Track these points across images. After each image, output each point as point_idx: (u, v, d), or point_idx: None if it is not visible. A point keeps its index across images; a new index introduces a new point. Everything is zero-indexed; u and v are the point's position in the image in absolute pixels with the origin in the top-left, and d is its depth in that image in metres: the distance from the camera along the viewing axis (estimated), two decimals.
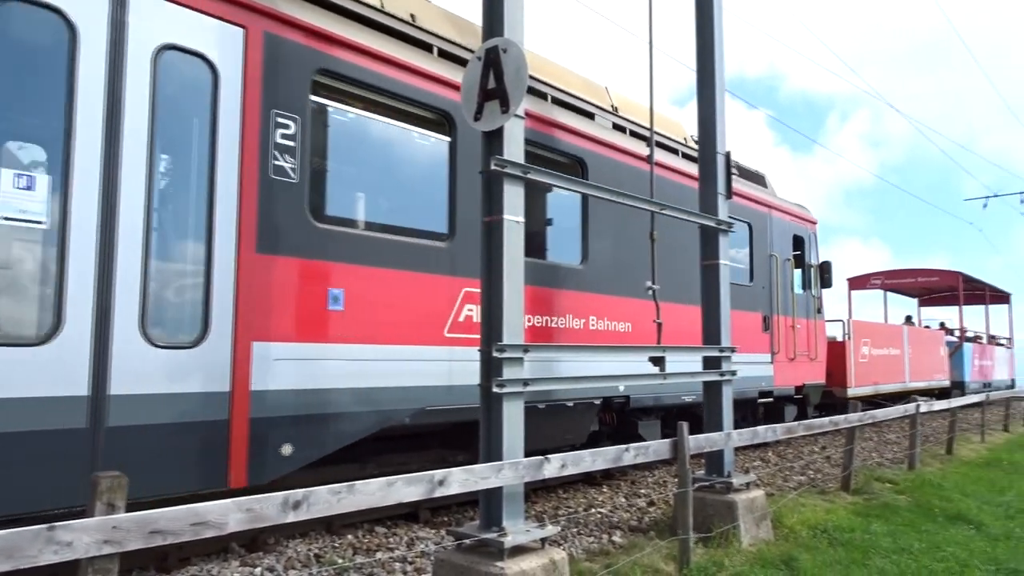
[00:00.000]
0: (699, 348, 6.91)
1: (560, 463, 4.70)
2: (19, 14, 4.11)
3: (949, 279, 25.04)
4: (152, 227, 4.54)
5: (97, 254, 4.28)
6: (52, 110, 4.20)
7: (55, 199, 4.16)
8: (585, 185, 5.73)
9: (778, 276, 11.65)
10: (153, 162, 4.56)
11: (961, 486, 9.17)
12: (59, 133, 4.20)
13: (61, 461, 4.05)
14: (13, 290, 4.02)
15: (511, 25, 4.77)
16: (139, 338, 4.39)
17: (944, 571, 5.66)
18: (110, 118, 4.38)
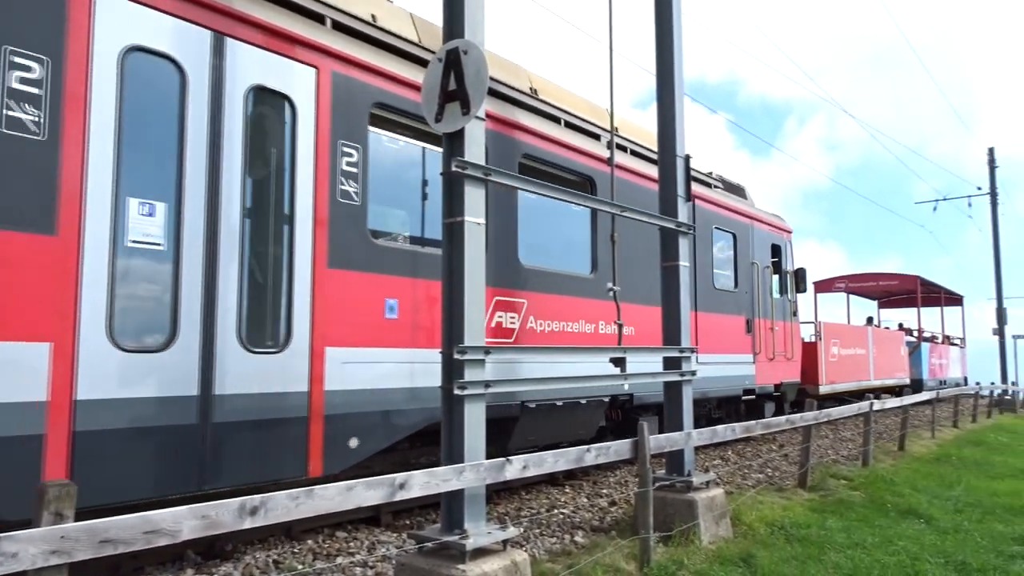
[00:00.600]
0: (660, 349, 6.98)
1: (522, 464, 4.71)
2: (141, 62, 4.70)
3: (908, 283, 26.21)
4: (245, 247, 5.14)
5: (203, 272, 4.87)
6: (167, 143, 4.79)
7: (170, 224, 4.75)
8: (546, 188, 5.74)
9: (759, 282, 12.47)
10: (246, 189, 5.18)
11: (912, 481, 9.42)
12: (173, 164, 4.79)
13: (177, 453, 4.61)
14: (139, 304, 4.62)
15: (472, 27, 4.77)
16: (237, 345, 4.98)
17: (896, 564, 5.80)
18: (212, 150, 4.97)
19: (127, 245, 4.54)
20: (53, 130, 4.25)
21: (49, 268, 4.19)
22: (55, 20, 4.31)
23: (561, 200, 6.02)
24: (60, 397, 4.16)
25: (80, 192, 4.33)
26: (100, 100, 4.46)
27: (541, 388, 6.74)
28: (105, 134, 4.47)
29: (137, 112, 4.64)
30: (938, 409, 16.00)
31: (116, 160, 4.51)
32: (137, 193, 4.60)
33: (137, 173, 4.63)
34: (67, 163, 4.30)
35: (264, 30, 5.34)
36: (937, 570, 5.75)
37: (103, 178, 4.44)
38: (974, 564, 5.94)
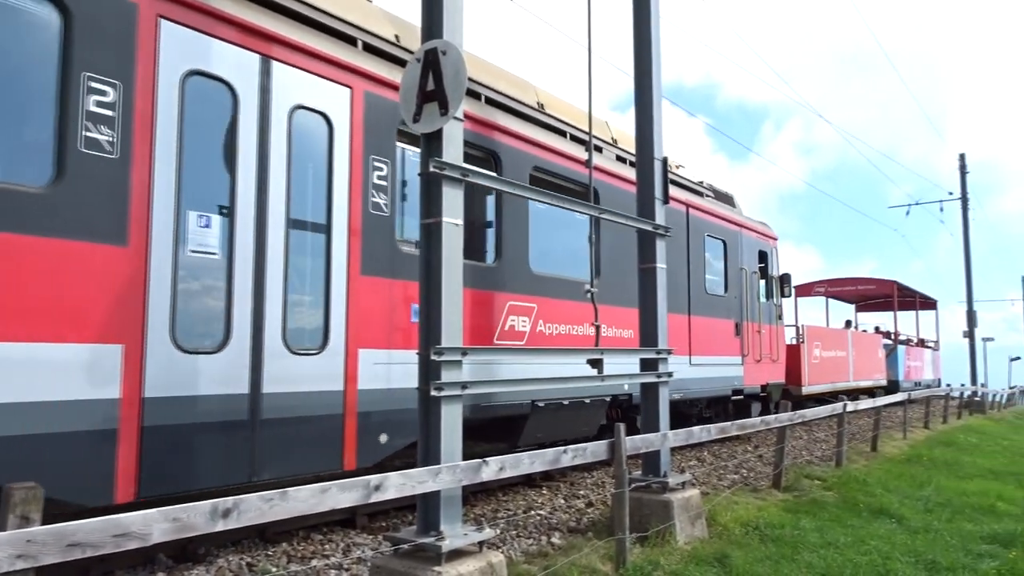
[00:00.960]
0: (637, 350, 7.02)
1: (498, 465, 4.70)
2: (199, 85, 5.05)
3: (885, 287, 27.10)
4: (288, 256, 5.47)
5: (253, 279, 5.23)
6: (221, 160, 5.16)
7: (224, 234, 5.10)
8: (524, 188, 5.76)
9: (747, 287, 13.05)
10: (289, 201, 5.52)
11: (884, 482, 9.55)
12: (226, 178, 5.15)
13: (230, 447, 4.98)
14: (197, 309, 4.96)
15: (450, 28, 4.76)
16: (281, 347, 5.33)
17: (868, 564, 5.87)
18: (260, 165, 5.35)
19: (187, 255, 4.91)
20: (124, 149, 4.59)
21: (121, 276, 4.54)
22: (126, 47, 4.64)
23: (538, 201, 6.05)
24: (131, 394, 4.52)
25: (147, 206, 4.69)
26: (164, 121, 4.82)
27: (520, 389, 6.74)
28: (168, 152, 4.83)
29: (195, 131, 5.01)
30: (910, 410, 16.25)
31: (178, 176, 4.87)
32: (195, 206, 4.98)
33: (195, 187, 5.01)
34: (136, 179, 4.64)
35: (304, 53, 5.69)
36: (908, 569, 5.84)
37: (167, 192, 4.80)
38: (944, 563, 6.04)
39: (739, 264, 12.91)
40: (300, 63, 5.65)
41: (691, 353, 10.98)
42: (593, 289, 6.55)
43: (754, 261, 13.61)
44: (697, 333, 11.23)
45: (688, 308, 11.00)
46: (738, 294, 12.72)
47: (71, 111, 4.35)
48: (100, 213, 4.43)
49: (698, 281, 11.41)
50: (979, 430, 18.17)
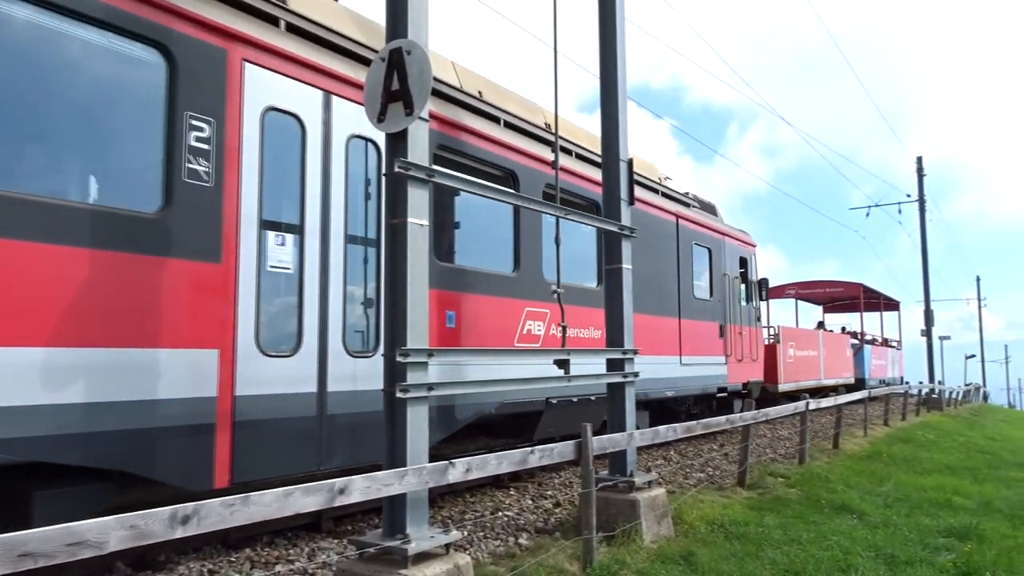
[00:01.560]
0: (603, 351, 7.05)
1: (465, 467, 4.68)
2: (275, 119, 5.68)
3: (852, 290, 28.51)
4: (347, 269, 6.11)
5: (319, 291, 5.84)
6: (292, 185, 5.79)
7: (296, 251, 5.74)
8: (491, 190, 5.76)
9: (730, 291, 14.00)
10: (347, 219, 6.16)
11: (846, 478, 9.73)
12: (296, 201, 5.79)
13: (303, 439, 5.56)
14: (276, 317, 5.60)
15: (415, 27, 4.73)
16: (342, 350, 5.97)
17: (830, 559, 5.97)
18: (324, 189, 5.97)
19: (268, 270, 5.52)
20: (218, 178, 5.20)
21: (216, 290, 5.14)
22: (218, 88, 5.26)
23: (503, 201, 6.07)
24: (225, 393, 5.12)
25: (236, 227, 5.28)
26: (248, 152, 5.43)
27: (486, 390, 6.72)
28: (251, 179, 5.44)
29: (273, 160, 5.62)
30: (870, 408, 16.59)
31: (259, 200, 5.46)
32: (273, 227, 5.60)
33: (273, 210, 5.62)
34: (227, 204, 5.24)
35: (355, 87, 6.24)
36: (868, 563, 5.95)
37: (251, 215, 5.40)
38: (902, 556, 6.17)
39: (723, 270, 13.77)
40: (354, 96, 6.24)
41: (681, 354, 11.78)
42: (559, 290, 6.57)
43: (736, 267, 14.50)
44: (687, 335, 11.97)
45: (679, 312, 11.84)
46: (722, 298, 13.60)
47: (176, 146, 4.97)
48: (200, 235, 5.05)
49: (687, 287, 12.25)
50: (936, 427, 18.61)
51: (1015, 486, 10.45)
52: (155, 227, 4.81)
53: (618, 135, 7.11)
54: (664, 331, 11.29)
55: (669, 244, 11.84)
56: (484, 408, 7.37)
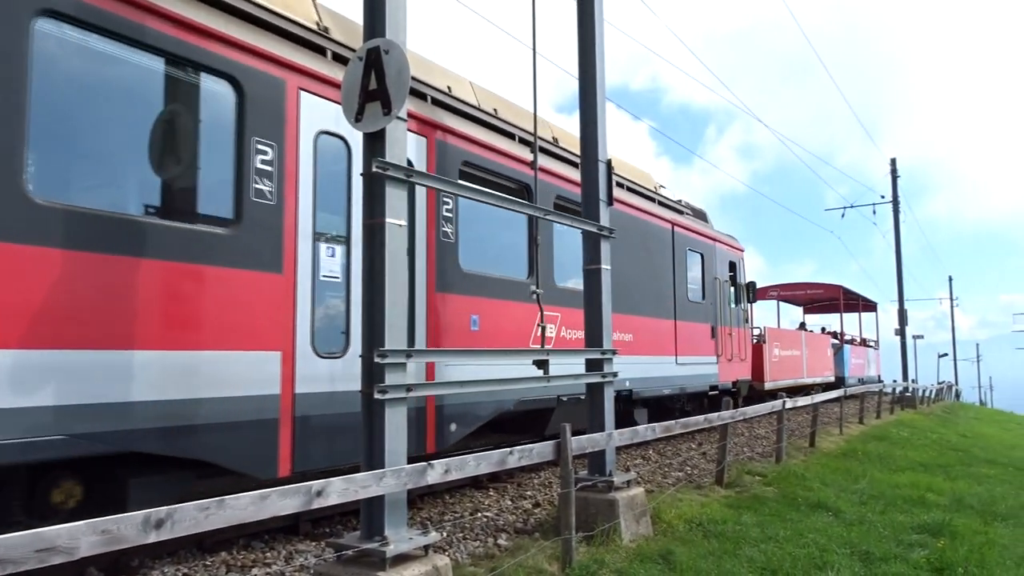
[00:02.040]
0: (583, 351, 7.06)
1: (444, 468, 4.66)
2: (326, 142, 6.26)
3: (832, 291, 29.54)
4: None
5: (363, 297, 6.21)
6: (340, 202, 6.36)
7: (343, 262, 6.31)
8: (469, 190, 5.75)
9: (720, 294, 14.68)
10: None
11: (822, 476, 9.83)
12: (344, 216, 6.36)
13: (351, 433, 5.71)
14: (328, 322, 6.15)
15: (393, 26, 4.71)
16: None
17: (806, 556, 6.03)
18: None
19: (320, 279, 6.07)
20: (279, 196, 5.74)
21: (278, 297, 5.70)
22: (278, 115, 5.81)
23: (487, 203, 6.05)
24: (286, 391, 5.68)
25: (295, 241, 5.84)
26: (304, 173, 5.98)
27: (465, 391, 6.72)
28: (307, 197, 6.00)
29: (324, 180, 6.15)
30: (846, 406, 16.79)
31: (313, 215, 5.99)
32: (325, 240, 6.17)
33: (324, 224, 6.16)
34: (287, 220, 5.79)
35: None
36: (843, 560, 6.02)
37: (306, 230, 5.95)
38: (877, 553, 6.25)
39: (714, 274, 14.51)
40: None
41: (677, 354, 12.51)
42: (539, 291, 6.57)
43: (725, 271, 15.22)
44: (682, 336, 12.69)
45: (675, 314, 12.55)
46: (713, 301, 14.29)
47: (245, 168, 5.52)
48: (265, 248, 5.60)
49: (682, 290, 12.92)
50: (910, 424, 18.88)
51: (986, 482, 10.64)
52: (227, 242, 5.37)
53: (596, 136, 7.12)
54: (661, 332, 12.01)
55: (665, 250, 12.57)
56: (504, 405, 7.97)
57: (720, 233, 15.54)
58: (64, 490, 4.79)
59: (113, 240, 4.67)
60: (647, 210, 11.94)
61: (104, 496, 4.88)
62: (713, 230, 15.20)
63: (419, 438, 6.86)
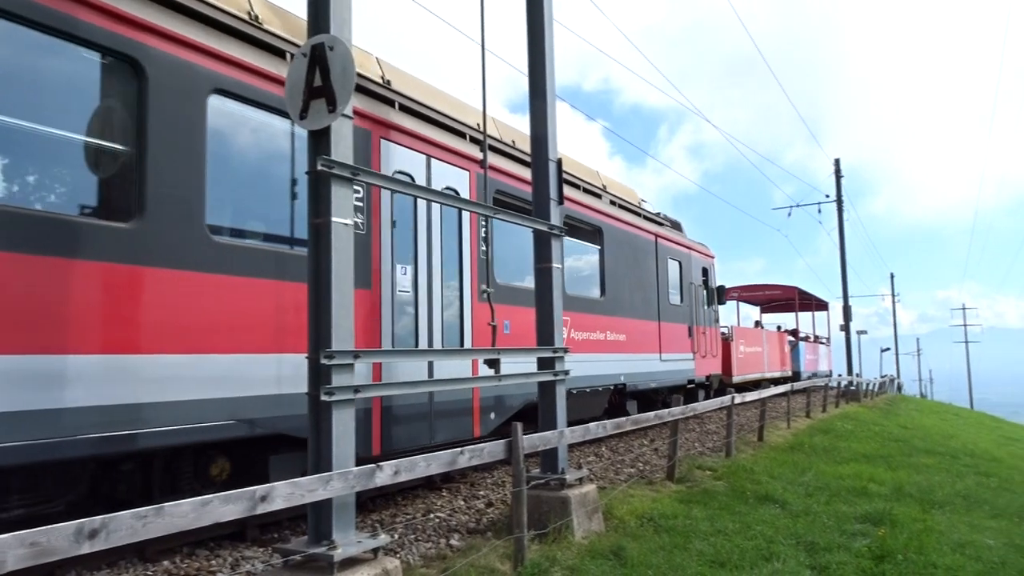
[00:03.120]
0: (534, 349, 7.08)
1: (393, 470, 4.61)
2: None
3: (788, 292, 31.53)
4: (443, 291, 7.93)
5: (427, 308, 7.65)
6: (409, 228, 7.54)
7: (412, 279, 7.51)
8: (418, 189, 5.71)
9: (695, 297, 16.27)
10: (442, 252, 7.98)
11: (770, 469, 10.03)
12: (411, 240, 7.56)
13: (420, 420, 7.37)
14: (403, 329, 7.33)
15: (338, 22, 4.64)
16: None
17: (753, 548, 6.15)
18: (427, 230, 7.78)
19: (397, 294, 7.26)
20: (368, 227, 6.91)
21: (370, 309, 6.89)
22: (366, 159, 6.95)
23: (436, 201, 6.02)
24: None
25: (379, 262, 7.04)
26: (384, 207, 7.16)
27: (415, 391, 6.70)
28: (386, 226, 7.19)
29: (397, 212, 7.24)
30: (793, 401, 17.18)
31: (391, 240, 7.17)
32: (399, 261, 7.33)
33: (399, 248, 7.34)
34: (374, 246, 7.00)
35: (445, 150, 8.17)
36: (789, 551, 6.16)
37: (387, 253, 7.15)
38: (821, 543, 6.41)
39: (690, 279, 16.09)
40: (445, 158, 8.16)
41: (661, 351, 14.05)
42: (489, 290, 6.56)
43: (699, 276, 16.82)
44: (664, 335, 14.24)
45: (658, 316, 14.08)
46: (690, 303, 15.88)
47: None
48: (361, 270, 6.51)
49: (664, 295, 14.48)
50: (854, 417, 19.40)
51: (925, 472, 11.01)
52: None
53: (547, 136, 7.14)
54: (648, 333, 13.53)
55: (650, 260, 14.10)
56: (531, 397, 8.87)
57: (694, 242, 16.97)
58: (218, 466, 5.93)
59: (288, 270, 6.08)
60: (637, 225, 13.52)
61: (248, 471, 6.04)
62: (688, 239, 16.60)
63: (468, 424, 8.25)
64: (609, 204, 12.64)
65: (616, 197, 13.19)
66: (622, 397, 12.67)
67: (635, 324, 12.91)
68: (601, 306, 11.75)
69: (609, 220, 12.26)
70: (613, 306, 12.11)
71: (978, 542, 6.89)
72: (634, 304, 12.96)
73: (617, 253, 12.44)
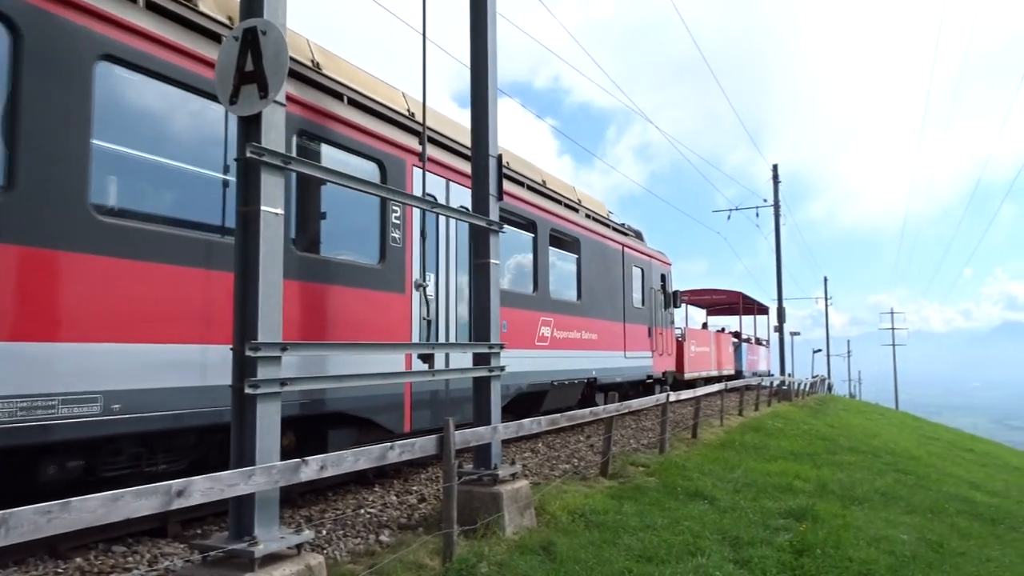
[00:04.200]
0: (470, 344, 7.06)
1: (319, 465, 4.54)
2: None
3: (733, 297, 33.99)
4: (457, 293, 9.27)
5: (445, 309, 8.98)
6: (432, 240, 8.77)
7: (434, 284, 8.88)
8: (353, 180, 5.61)
9: (654, 301, 17.96)
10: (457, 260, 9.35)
11: (701, 466, 10.24)
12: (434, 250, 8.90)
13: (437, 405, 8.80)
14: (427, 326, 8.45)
15: (272, 6, 4.53)
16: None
17: (681, 543, 6.27)
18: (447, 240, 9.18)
19: (426, 296, 8.21)
20: (403, 241, 8.17)
21: (402, 310, 8.12)
22: (401, 184, 8.19)
23: (372, 194, 5.93)
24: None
25: (410, 271, 8.22)
26: (415, 224, 8.30)
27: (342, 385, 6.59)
28: (415, 240, 8.25)
29: (424, 227, 7.82)
30: (726, 399, 17.60)
31: (421, 253, 7.90)
32: (427, 268, 8.49)
33: (426, 258, 8.27)
34: (407, 256, 8.19)
35: (463, 175, 9.03)
36: (715, 546, 6.30)
37: (416, 263, 8.25)
38: (746, 538, 6.58)
39: (651, 284, 17.76)
40: (461, 181, 9.22)
41: (625, 350, 15.62)
42: (425, 284, 6.51)
43: (658, 281, 18.55)
44: (629, 335, 15.83)
45: (624, 317, 15.64)
46: (650, 306, 17.53)
47: (387, 223, 7.98)
48: (397, 277, 8.03)
49: (629, 298, 16.03)
50: (785, 416, 19.97)
51: (847, 469, 11.42)
52: (377, 273, 7.82)
53: (487, 131, 7.12)
54: (615, 332, 15.08)
55: (618, 267, 15.58)
56: (523, 388, 10.77)
57: (654, 251, 18.76)
58: (285, 438, 6.53)
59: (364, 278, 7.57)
60: (607, 236, 15.04)
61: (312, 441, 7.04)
62: (649, 248, 18.38)
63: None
64: (585, 218, 14.17)
65: (590, 211, 14.75)
66: (592, 390, 14.12)
67: (605, 325, 14.41)
68: (578, 308, 13.25)
69: (585, 232, 13.80)
70: (587, 309, 13.62)
71: (892, 537, 7.19)
72: (604, 307, 14.45)
73: (591, 261, 13.93)
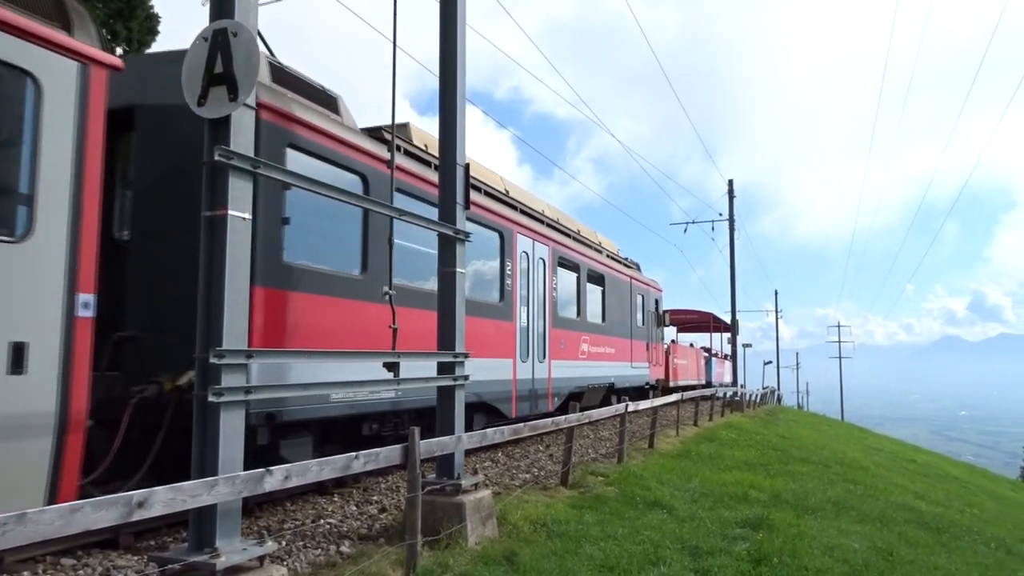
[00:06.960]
0: (435, 354, 7.03)
1: (283, 475, 4.45)
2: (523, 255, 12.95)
3: (704, 317, 37.96)
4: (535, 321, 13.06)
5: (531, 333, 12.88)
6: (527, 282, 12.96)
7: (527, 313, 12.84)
8: (323, 186, 5.55)
9: (651, 321, 22.08)
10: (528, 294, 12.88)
11: (659, 476, 10.35)
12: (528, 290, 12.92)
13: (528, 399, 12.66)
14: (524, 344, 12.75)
15: (243, 8, 4.46)
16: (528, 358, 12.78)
17: (641, 553, 6.32)
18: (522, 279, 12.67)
19: (522, 324, 12.21)
20: (512, 285, 12.02)
21: (510, 331, 11.92)
22: (511, 247, 11.98)
23: (343, 200, 5.87)
24: (512, 378, 11.82)
25: (516, 305, 12.14)
26: (520, 272, 12.34)
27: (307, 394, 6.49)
28: (521, 284, 12.39)
29: (522, 271, 11.61)
30: (682, 410, 17.85)
31: (526, 292, 12.07)
32: (523, 303, 12.52)
33: (524, 295, 12.44)
34: (514, 295, 12.00)
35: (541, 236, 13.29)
36: (675, 555, 6.37)
37: (520, 299, 12.21)
38: (704, 547, 6.67)
39: (649, 308, 21.84)
40: (540, 240, 13.21)
41: (632, 361, 19.61)
42: (391, 292, 6.47)
43: (653, 305, 22.57)
44: (634, 350, 19.76)
45: (631, 335, 19.58)
46: (648, 325, 21.61)
47: (504, 273, 11.63)
48: (508, 309, 11.75)
49: (634, 319, 20.03)
50: (738, 427, 20.35)
51: (800, 479, 11.66)
52: (499, 308, 11.35)
53: (455, 139, 7.12)
54: (626, 347, 19.09)
55: (627, 295, 19.63)
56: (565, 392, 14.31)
57: (650, 280, 22.68)
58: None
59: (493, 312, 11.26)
60: (620, 270, 19.01)
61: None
62: (646, 277, 22.24)
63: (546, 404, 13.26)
64: (607, 257, 18.34)
65: (609, 252, 19.04)
66: (611, 393, 17.77)
67: (619, 341, 18.44)
68: (603, 328, 17.22)
69: (608, 269, 17.83)
70: (608, 328, 17.61)
71: (845, 545, 7.36)
72: (618, 327, 18.40)
73: (611, 292, 17.91)
